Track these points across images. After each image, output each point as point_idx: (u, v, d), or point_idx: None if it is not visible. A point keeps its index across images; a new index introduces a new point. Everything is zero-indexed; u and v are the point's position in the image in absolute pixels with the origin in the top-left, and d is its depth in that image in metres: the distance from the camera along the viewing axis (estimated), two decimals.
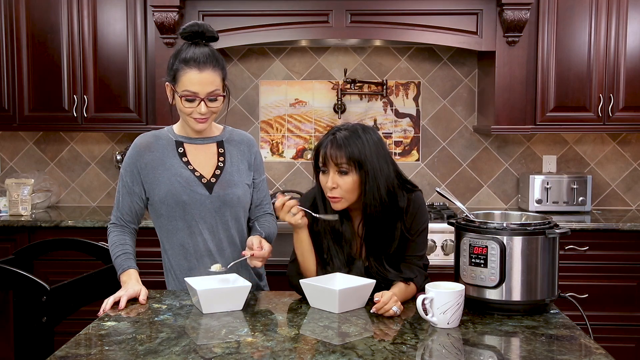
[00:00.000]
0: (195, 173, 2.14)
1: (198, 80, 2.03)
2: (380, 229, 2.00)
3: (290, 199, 1.99)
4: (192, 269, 2.14)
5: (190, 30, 2.08)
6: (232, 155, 2.20)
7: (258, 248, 2.03)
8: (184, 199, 2.11)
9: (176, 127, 2.23)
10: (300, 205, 2.04)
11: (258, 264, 2.04)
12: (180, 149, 2.17)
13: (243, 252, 2.04)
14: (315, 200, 2.09)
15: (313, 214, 2.01)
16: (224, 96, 2.11)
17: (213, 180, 2.15)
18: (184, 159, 2.16)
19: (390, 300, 1.84)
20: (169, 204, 2.13)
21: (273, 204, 2.13)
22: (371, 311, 1.84)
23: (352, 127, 2.01)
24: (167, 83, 2.12)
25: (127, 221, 2.18)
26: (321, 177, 2.02)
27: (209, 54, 2.07)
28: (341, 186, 1.97)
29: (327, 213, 2.04)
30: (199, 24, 2.10)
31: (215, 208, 2.14)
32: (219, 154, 2.19)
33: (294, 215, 1.98)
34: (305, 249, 2.05)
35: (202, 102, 2.05)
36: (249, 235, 2.27)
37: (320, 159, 2.00)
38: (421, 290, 1.94)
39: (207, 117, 2.09)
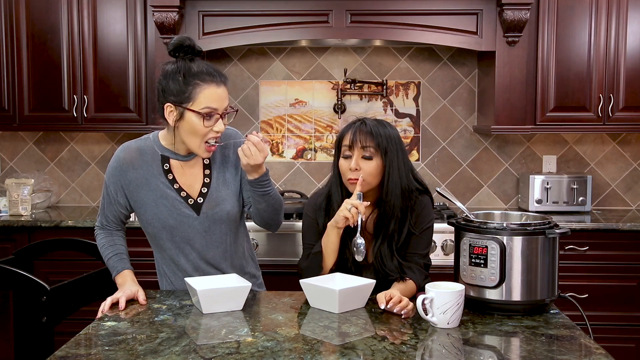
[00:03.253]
0: (182, 193, 2.06)
1: (217, 95, 1.94)
2: (394, 221, 2.04)
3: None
4: (187, 276, 2.09)
5: (182, 43, 1.96)
6: (218, 164, 2.12)
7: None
8: (171, 223, 2.06)
9: (162, 138, 2.10)
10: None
11: (251, 146, 1.94)
12: (166, 165, 2.07)
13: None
14: (329, 195, 2.13)
15: (359, 235, 2.01)
16: (236, 111, 2.04)
17: (200, 200, 2.07)
18: (170, 177, 2.07)
19: (404, 299, 1.85)
20: (156, 227, 2.08)
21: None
22: (388, 306, 1.82)
23: (377, 118, 2.11)
24: (167, 105, 1.97)
25: (113, 226, 2.16)
26: (342, 161, 2.08)
27: (215, 67, 1.99)
28: (364, 169, 2.03)
29: (341, 200, 2.09)
30: (188, 37, 1.99)
31: (205, 228, 2.08)
32: (205, 166, 2.10)
33: (349, 210, 1.98)
34: (330, 248, 2.07)
35: (220, 119, 1.96)
36: (244, 245, 2.23)
37: (347, 142, 2.05)
38: (421, 290, 1.95)
39: (219, 138, 1.99)
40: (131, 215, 2.20)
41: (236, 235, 2.18)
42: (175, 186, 2.07)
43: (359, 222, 2.00)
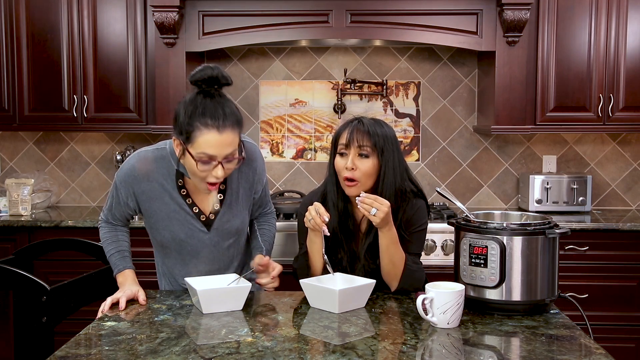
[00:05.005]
0: (194, 209, 2.04)
1: (217, 142, 1.82)
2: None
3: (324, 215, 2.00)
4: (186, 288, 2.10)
5: (205, 76, 1.85)
6: (232, 180, 2.08)
7: (269, 268, 2.07)
8: (182, 237, 2.05)
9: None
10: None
11: (271, 284, 2.08)
12: (180, 181, 2.03)
13: (257, 281, 2.08)
14: (325, 193, 2.14)
15: (326, 259, 2.01)
16: (242, 158, 1.93)
17: (212, 217, 2.06)
18: (183, 192, 2.03)
19: (376, 201, 1.92)
20: (165, 237, 2.07)
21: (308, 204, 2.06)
22: (357, 198, 1.94)
23: (374, 118, 2.11)
24: (174, 138, 1.91)
25: (118, 222, 2.16)
26: (338, 159, 2.06)
27: (229, 110, 1.85)
28: (360, 168, 2.03)
29: (338, 199, 2.09)
30: (212, 67, 1.86)
31: (214, 243, 2.09)
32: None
33: (310, 221, 1.98)
34: (314, 249, 2.07)
35: (219, 165, 1.85)
36: (247, 252, 2.25)
37: (344, 141, 2.04)
38: (420, 290, 1.95)
39: (221, 181, 1.91)
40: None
41: (241, 244, 2.19)
42: (188, 201, 2.04)
43: (323, 235, 1.98)
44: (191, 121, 1.83)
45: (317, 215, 1.96)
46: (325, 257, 2.00)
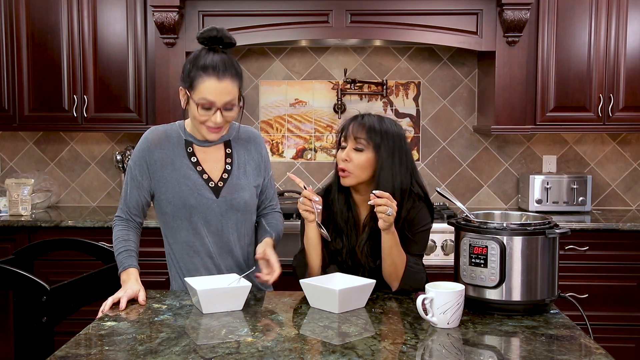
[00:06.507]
0: (204, 176, 2.13)
1: (216, 89, 2.00)
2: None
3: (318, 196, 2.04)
4: (197, 266, 2.14)
5: (208, 35, 2.05)
6: (240, 155, 2.19)
7: (268, 274, 2.09)
8: (191, 203, 2.11)
9: (187, 124, 2.19)
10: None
11: (269, 280, 2.10)
12: (190, 149, 2.15)
13: (257, 275, 2.11)
14: (328, 189, 2.18)
15: (321, 226, 2.03)
16: (240, 107, 2.08)
17: (220, 184, 2.13)
18: (193, 159, 2.14)
19: (390, 200, 1.92)
20: (176, 205, 2.12)
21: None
22: (369, 202, 1.94)
23: (381, 115, 2.12)
24: (181, 88, 2.09)
25: (133, 215, 2.18)
26: (339, 152, 2.11)
27: (229, 62, 2.04)
28: (353, 161, 2.05)
29: (339, 190, 2.13)
30: (217, 29, 2.06)
31: (222, 212, 2.13)
32: (227, 155, 2.18)
33: (302, 204, 2.02)
34: (310, 245, 2.08)
35: (218, 112, 2.02)
36: (256, 234, 2.28)
37: (344, 133, 2.09)
38: (420, 290, 1.95)
39: (221, 127, 2.06)
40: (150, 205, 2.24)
41: (251, 227, 2.23)
42: (198, 168, 2.14)
43: (316, 213, 2.02)
44: (194, 70, 2.02)
45: (308, 196, 2.00)
46: (322, 228, 2.01)
